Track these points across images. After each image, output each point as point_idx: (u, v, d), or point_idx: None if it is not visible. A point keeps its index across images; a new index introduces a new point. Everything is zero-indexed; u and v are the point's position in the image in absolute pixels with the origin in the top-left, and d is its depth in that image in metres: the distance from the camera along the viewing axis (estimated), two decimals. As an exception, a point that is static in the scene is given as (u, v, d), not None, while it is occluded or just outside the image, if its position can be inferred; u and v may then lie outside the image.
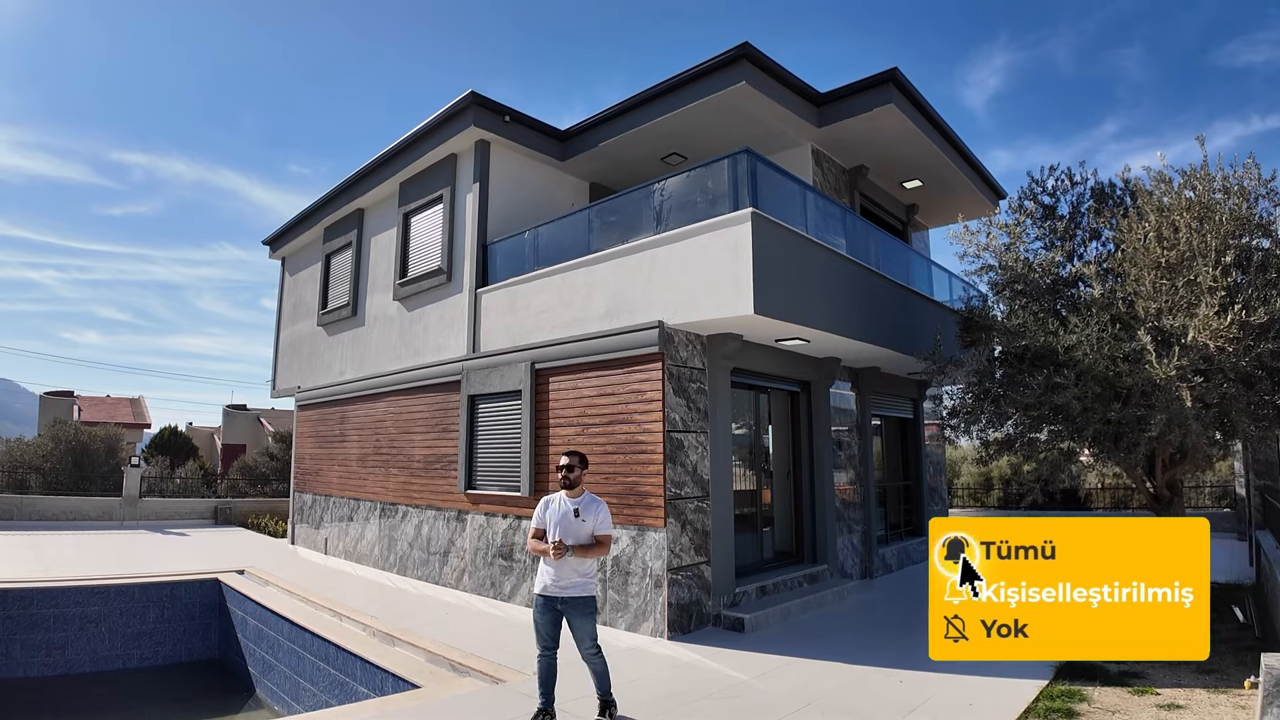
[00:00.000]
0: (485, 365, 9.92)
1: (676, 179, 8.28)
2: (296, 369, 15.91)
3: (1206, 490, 17.70)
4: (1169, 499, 7.70)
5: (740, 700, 5.69)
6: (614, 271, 8.48)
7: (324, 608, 9.29)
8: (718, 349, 8.26)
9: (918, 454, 13.12)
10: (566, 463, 5.14)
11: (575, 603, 4.99)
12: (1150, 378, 6.49)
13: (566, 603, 4.98)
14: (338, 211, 14.14)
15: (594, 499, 5.18)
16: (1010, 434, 8.15)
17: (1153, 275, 6.75)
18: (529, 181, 11.20)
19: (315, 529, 14.48)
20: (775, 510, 9.96)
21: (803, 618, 8.40)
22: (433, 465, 10.91)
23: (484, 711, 5.51)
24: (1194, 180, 6.86)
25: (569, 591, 4.97)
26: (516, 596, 9.12)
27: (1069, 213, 8.31)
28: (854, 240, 9.38)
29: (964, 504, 20.57)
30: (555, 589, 4.98)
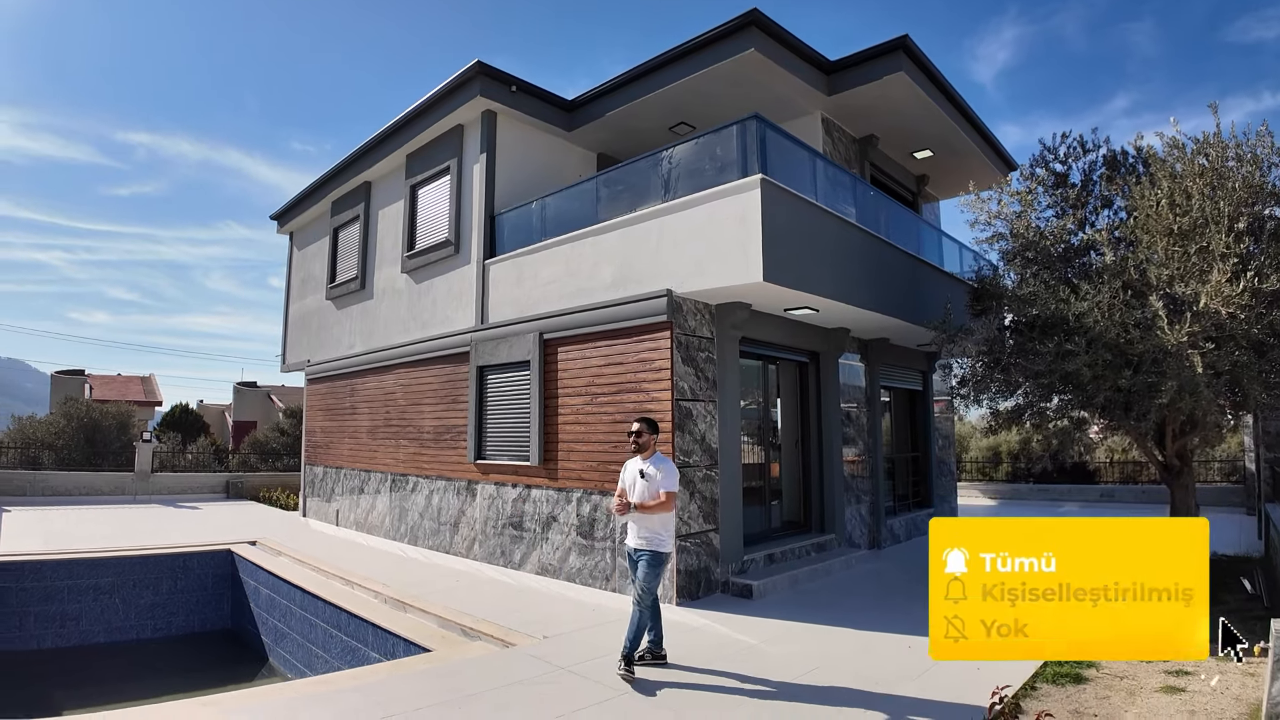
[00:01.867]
0: (493, 336, 9.94)
1: (684, 146, 8.22)
2: (306, 343, 15.97)
3: (1215, 465, 17.66)
4: (1179, 469, 7.69)
5: (750, 663, 5.74)
6: (621, 240, 8.45)
7: (336, 576, 9.40)
8: (726, 318, 8.25)
9: (926, 426, 13.12)
10: (636, 429, 5.64)
11: (642, 555, 5.48)
12: (1162, 344, 6.46)
13: (635, 554, 5.51)
14: (345, 185, 14.11)
15: (662, 459, 5.62)
16: (1020, 403, 8.13)
17: (1165, 242, 6.69)
18: (536, 152, 11.14)
19: (326, 501, 14.61)
20: (783, 481, 9.99)
21: (810, 585, 8.45)
22: (442, 436, 10.97)
23: (494, 673, 5.58)
24: (1207, 147, 6.79)
25: (637, 544, 5.50)
26: (526, 564, 9.20)
27: (1081, 180, 8.22)
28: (864, 209, 9.32)
29: (972, 478, 20.59)
30: (629, 542, 5.59)
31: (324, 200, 15.05)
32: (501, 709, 4.76)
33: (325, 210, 15.23)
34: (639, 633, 5.45)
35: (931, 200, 14.30)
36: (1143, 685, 4.94)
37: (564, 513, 8.74)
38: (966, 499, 17.69)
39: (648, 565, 5.43)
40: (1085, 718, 4.40)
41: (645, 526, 5.47)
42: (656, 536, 5.47)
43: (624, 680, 5.21)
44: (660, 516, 5.48)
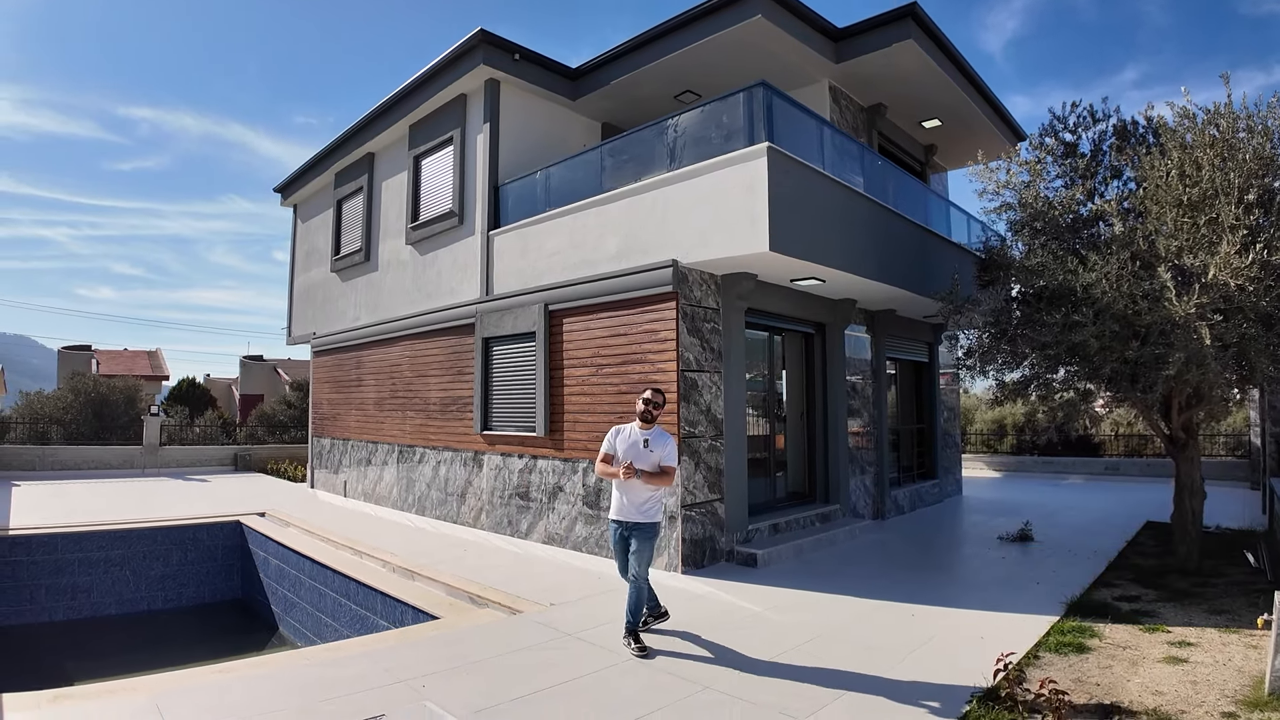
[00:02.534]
0: (498, 308, 9.92)
1: (690, 115, 8.14)
2: (311, 316, 15.98)
3: (1220, 439, 17.65)
4: (1184, 441, 7.68)
5: (754, 630, 5.79)
6: (627, 210, 8.40)
7: (344, 546, 9.49)
8: (732, 289, 8.21)
9: (932, 398, 13.11)
10: (653, 398, 5.54)
11: (639, 527, 5.39)
12: (1169, 316, 6.42)
13: (632, 527, 5.40)
14: (348, 156, 14.03)
15: (664, 433, 5.55)
16: (1026, 375, 8.10)
17: (1174, 213, 6.63)
18: (539, 122, 11.04)
19: (334, 473, 14.71)
20: (788, 452, 10.02)
21: (815, 555, 8.50)
22: (449, 407, 11.00)
23: (501, 639, 5.64)
24: (1218, 118, 6.71)
25: (634, 516, 5.38)
26: (533, 534, 9.27)
27: (1090, 150, 8.12)
28: (872, 179, 9.23)
29: (976, 450, 20.62)
30: (624, 513, 5.41)
31: (327, 172, 14.97)
32: (508, 674, 4.82)
33: (329, 182, 15.16)
34: (640, 604, 5.42)
35: (939, 170, 14.16)
36: (1145, 656, 4.97)
37: (570, 483, 8.79)
38: (971, 471, 17.74)
39: (646, 539, 5.38)
40: (1088, 686, 4.43)
41: (642, 499, 5.38)
42: (654, 509, 5.41)
43: (637, 655, 5.13)
44: (661, 489, 5.45)
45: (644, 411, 5.51)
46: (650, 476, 5.35)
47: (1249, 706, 4.02)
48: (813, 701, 4.27)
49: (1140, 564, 7.78)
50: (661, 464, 5.40)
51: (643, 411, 5.52)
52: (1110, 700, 4.18)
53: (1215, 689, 4.33)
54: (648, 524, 5.39)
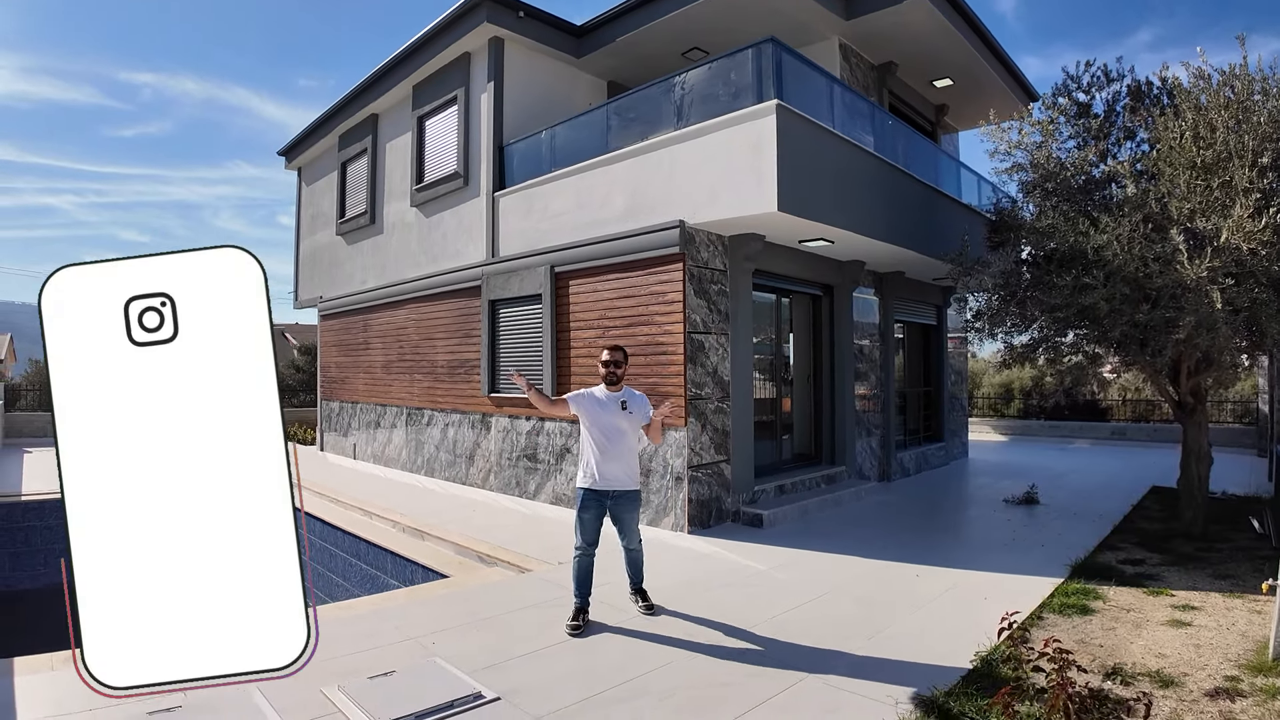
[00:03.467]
0: (504, 270, 9.88)
1: (698, 72, 8.01)
2: (318, 279, 15.96)
3: (1228, 406, 17.60)
4: (1192, 406, 7.64)
5: (759, 588, 5.85)
6: (633, 170, 8.31)
7: (354, 508, 9.58)
8: (739, 250, 8.15)
9: (940, 361, 13.07)
10: (613, 358, 5.07)
11: (630, 495, 5.04)
12: (1181, 279, 6.35)
13: (619, 495, 4.98)
14: (352, 118, 13.89)
15: (634, 392, 5.15)
16: (1035, 338, 8.05)
17: (1188, 175, 6.53)
18: (544, 80, 10.89)
19: (343, 435, 14.81)
20: (795, 414, 10.02)
21: (820, 515, 8.56)
22: (456, 370, 11.03)
23: (510, 597, 5.72)
24: (1233, 79, 6.57)
25: (624, 484, 4.98)
26: (541, 494, 9.34)
27: (1104, 111, 7.97)
28: (882, 138, 9.09)
29: (983, 414, 20.61)
30: (608, 482, 4.94)
31: (331, 134, 14.83)
32: (516, 630, 4.88)
33: (333, 144, 15.03)
34: (642, 565, 5.28)
35: (950, 131, 13.94)
36: (1149, 618, 4.99)
37: (577, 444, 8.81)
38: (978, 435, 17.75)
39: (637, 504, 5.13)
40: (1091, 647, 4.46)
41: (631, 464, 5.03)
42: (638, 471, 5.14)
43: (646, 614, 5.09)
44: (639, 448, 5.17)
45: (608, 374, 5.03)
46: (649, 429, 5.05)
47: (1252, 670, 4.04)
48: (815, 659, 4.32)
49: (1145, 528, 7.79)
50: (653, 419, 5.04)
51: (607, 374, 5.04)
52: (1113, 662, 4.21)
53: (1219, 652, 4.35)
54: (637, 490, 5.09)
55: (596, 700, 3.77)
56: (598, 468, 4.94)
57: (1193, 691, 3.83)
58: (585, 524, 4.97)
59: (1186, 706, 3.65)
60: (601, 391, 5.07)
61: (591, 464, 4.97)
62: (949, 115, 13.41)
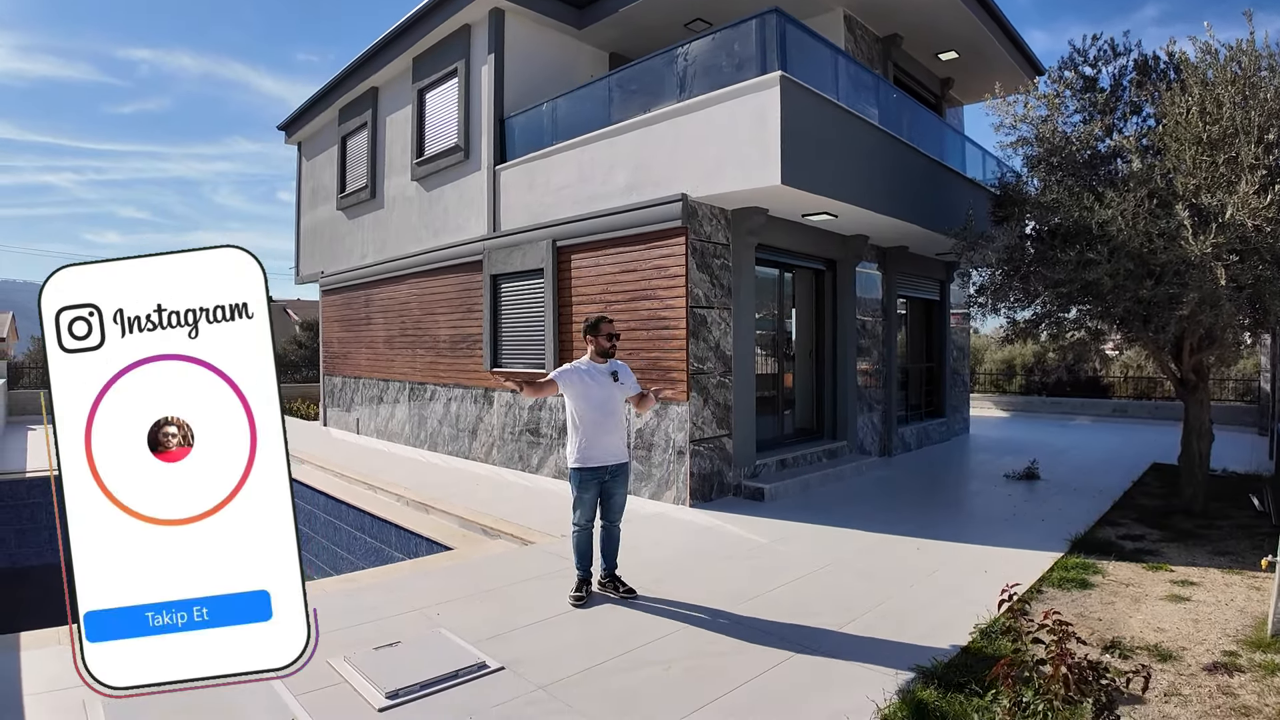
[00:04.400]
0: (506, 244, 9.85)
1: (701, 43, 7.91)
2: (319, 254, 15.92)
3: (1230, 384, 17.59)
4: (1194, 384, 7.64)
5: (760, 560, 5.89)
6: (635, 143, 8.24)
7: (358, 482, 9.63)
8: (742, 223, 8.11)
9: (942, 337, 13.06)
10: (615, 330, 5.05)
11: (625, 469, 5.03)
12: (1185, 255, 6.32)
13: (615, 470, 4.95)
14: (352, 92, 13.76)
15: (617, 361, 5.06)
16: (1038, 313, 8.04)
17: (1193, 151, 6.48)
18: (546, 52, 10.76)
19: (346, 410, 14.85)
20: (797, 390, 10.03)
21: (821, 490, 8.59)
22: (458, 345, 11.03)
23: (514, 568, 5.77)
24: (1240, 54, 6.50)
25: (620, 459, 4.95)
26: (544, 468, 9.39)
27: (1110, 85, 7.89)
28: (886, 111, 9.01)
29: (985, 390, 20.62)
30: (606, 457, 4.88)
31: (331, 108, 14.71)
32: (520, 601, 4.93)
33: (333, 118, 14.91)
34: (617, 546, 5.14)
35: (955, 105, 13.81)
36: (1148, 593, 5.01)
37: (579, 420, 8.84)
38: (979, 410, 17.77)
39: (628, 477, 5.10)
40: (1090, 621, 4.48)
41: (623, 436, 5.00)
42: (628, 444, 5.13)
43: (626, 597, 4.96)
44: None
45: (611, 346, 5.00)
46: (644, 400, 5.03)
47: (1250, 646, 4.06)
48: (816, 631, 4.36)
49: (1145, 504, 7.82)
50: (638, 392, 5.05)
51: (610, 347, 4.99)
52: (1112, 635, 4.24)
53: (1217, 628, 4.37)
54: (628, 464, 5.06)
55: (598, 670, 3.82)
56: (593, 444, 4.85)
57: (1191, 665, 3.86)
58: (586, 504, 4.93)
59: (1184, 680, 3.68)
60: (587, 363, 4.96)
61: (585, 441, 4.85)
62: (954, 89, 13.28)
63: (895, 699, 3.46)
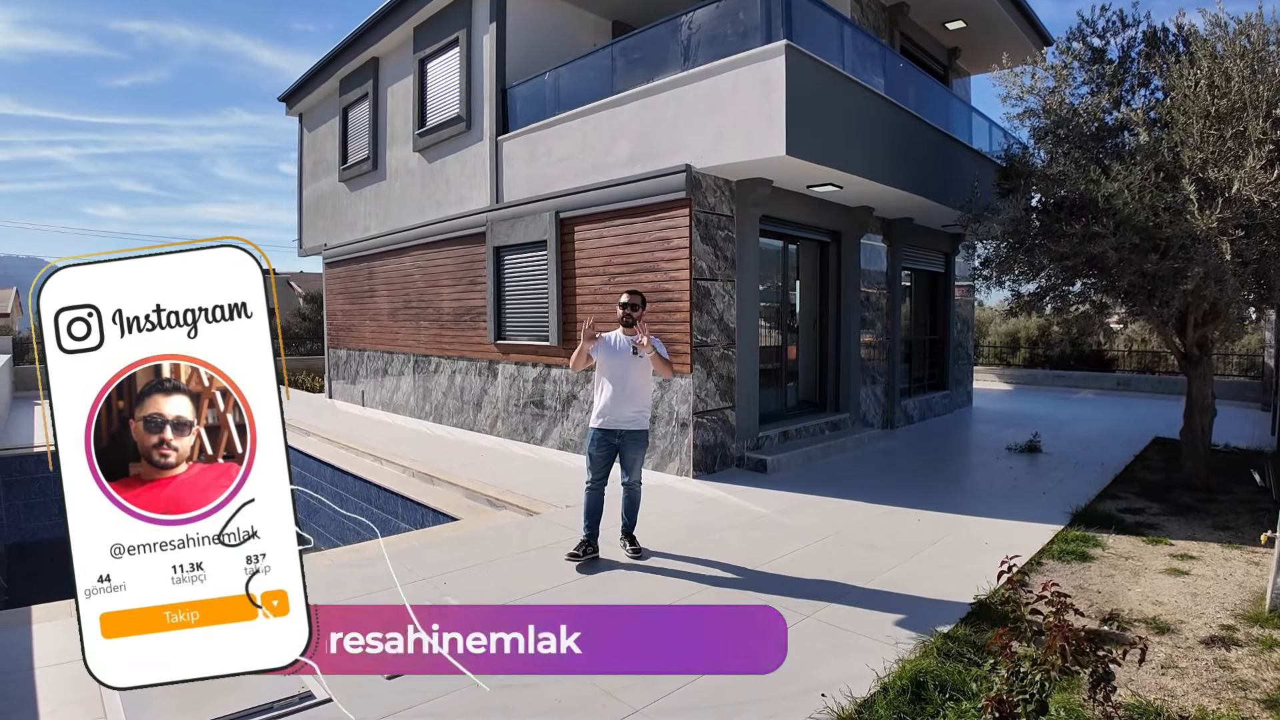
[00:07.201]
0: (509, 216, 9.82)
1: (705, 11, 7.81)
2: (321, 227, 15.88)
3: (1234, 359, 17.56)
4: (1198, 358, 7.64)
5: (763, 531, 5.95)
6: (639, 113, 8.18)
7: (364, 453, 9.71)
8: (747, 195, 8.07)
9: (946, 309, 13.03)
10: (631, 301, 5.28)
11: (636, 435, 5.23)
12: (1191, 230, 6.29)
13: (626, 435, 5.19)
14: (352, 62, 13.61)
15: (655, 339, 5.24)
16: (1043, 286, 8.02)
17: (1201, 124, 6.41)
18: (547, 20, 10.62)
19: (351, 383, 14.91)
20: (800, 362, 10.04)
21: (824, 461, 8.65)
22: (462, 317, 11.05)
23: (519, 538, 5.84)
24: (1249, 28, 6.41)
25: (632, 424, 5.19)
26: (548, 440, 9.45)
27: (1119, 57, 7.79)
28: (893, 81, 8.91)
29: (989, 363, 20.62)
30: (617, 422, 5.17)
31: (332, 79, 14.57)
32: (525, 570, 5.01)
33: (334, 89, 14.78)
34: (638, 507, 5.40)
35: (962, 75, 13.65)
36: (1147, 566, 5.06)
37: (584, 391, 8.88)
38: (982, 383, 17.78)
39: (643, 445, 5.29)
40: (1089, 593, 4.53)
41: (641, 405, 5.24)
42: (646, 414, 5.32)
43: (634, 558, 5.20)
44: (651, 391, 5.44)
45: (625, 316, 5.23)
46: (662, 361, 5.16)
47: (1248, 621, 4.11)
48: (817, 600, 4.42)
49: (1147, 478, 7.85)
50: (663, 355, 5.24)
51: (624, 316, 5.24)
52: (1110, 608, 4.29)
53: (1215, 602, 4.42)
54: (643, 431, 5.27)
55: (604, 638, 3.88)
56: (608, 408, 5.18)
57: (1188, 639, 3.91)
58: (595, 460, 5.23)
59: (1182, 653, 3.74)
60: (615, 334, 5.30)
61: (601, 404, 5.21)
62: (961, 59, 13.11)
63: (895, 667, 3.52)
